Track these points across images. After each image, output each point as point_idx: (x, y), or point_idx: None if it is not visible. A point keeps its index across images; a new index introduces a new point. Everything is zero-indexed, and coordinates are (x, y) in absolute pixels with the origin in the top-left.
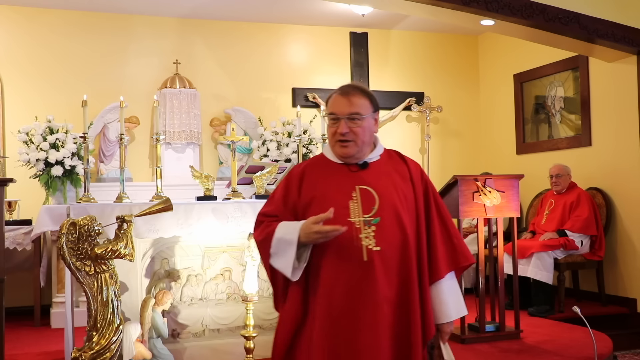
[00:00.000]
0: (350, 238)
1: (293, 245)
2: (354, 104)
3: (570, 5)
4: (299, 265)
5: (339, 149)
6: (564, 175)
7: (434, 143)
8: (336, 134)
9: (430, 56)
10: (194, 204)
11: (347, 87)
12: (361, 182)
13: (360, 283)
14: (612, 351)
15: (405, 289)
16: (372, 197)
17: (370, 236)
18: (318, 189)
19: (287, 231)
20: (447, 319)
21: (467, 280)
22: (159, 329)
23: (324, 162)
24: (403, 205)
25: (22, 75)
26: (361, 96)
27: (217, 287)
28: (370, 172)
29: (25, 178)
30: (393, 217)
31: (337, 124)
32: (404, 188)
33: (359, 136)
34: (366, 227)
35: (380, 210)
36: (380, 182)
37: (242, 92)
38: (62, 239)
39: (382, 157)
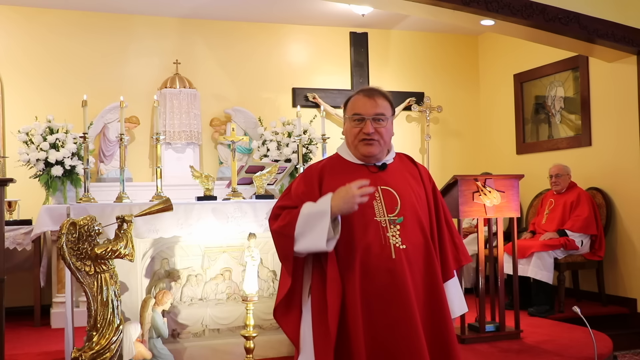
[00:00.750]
0: (379, 237)
1: (326, 214)
2: (379, 105)
3: (570, 5)
4: (333, 236)
5: (364, 148)
6: (564, 175)
7: (434, 143)
8: (360, 134)
9: (430, 56)
10: (194, 204)
11: (371, 89)
12: (382, 183)
13: (392, 281)
14: (612, 351)
15: (430, 288)
16: (394, 198)
17: (396, 235)
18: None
19: (315, 205)
20: (453, 316)
21: (467, 280)
22: (159, 329)
23: (342, 162)
24: (420, 206)
25: (22, 75)
26: (384, 99)
27: (217, 287)
28: (389, 173)
29: (25, 178)
30: (414, 217)
31: (361, 124)
32: (418, 190)
33: (383, 136)
34: (392, 226)
35: (402, 210)
36: (399, 183)
37: (242, 92)
38: (62, 239)
39: (396, 160)
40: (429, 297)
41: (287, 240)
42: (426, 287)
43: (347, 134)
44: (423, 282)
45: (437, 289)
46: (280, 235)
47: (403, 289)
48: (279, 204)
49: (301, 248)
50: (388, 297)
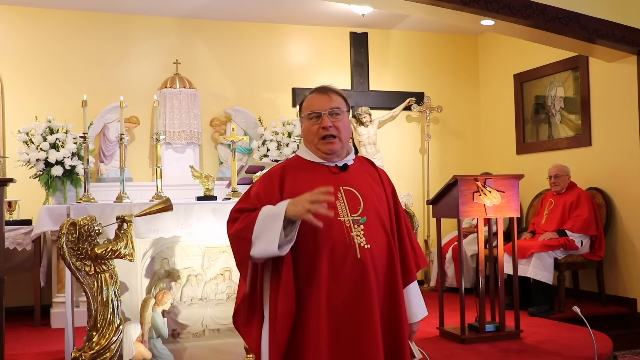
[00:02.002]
0: (342, 237)
1: (280, 217)
2: (333, 100)
3: (570, 5)
4: (286, 239)
5: (324, 146)
6: (563, 175)
7: (434, 143)
8: (319, 131)
9: (431, 56)
10: (194, 204)
11: (324, 87)
12: (344, 184)
13: (356, 280)
14: (612, 351)
15: (391, 288)
16: (357, 198)
17: (360, 234)
18: (301, 188)
19: (273, 207)
20: (416, 319)
21: (467, 280)
22: (159, 329)
23: (303, 163)
24: (382, 207)
25: (22, 75)
26: (338, 95)
27: (217, 287)
28: (350, 174)
29: (25, 178)
30: (377, 217)
31: (319, 121)
32: (379, 192)
33: (342, 131)
34: (355, 226)
35: (365, 211)
36: (360, 184)
37: (242, 92)
38: (62, 239)
39: (356, 162)
40: (389, 298)
41: (243, 243)
42: (387, 288)
43: (305, 133)
44: (385, 282)
45: (396, 290)
46: (237, 238)
47: (368, 289)
48: (237, 207)
49: (256, 252)
50: (353, 296)
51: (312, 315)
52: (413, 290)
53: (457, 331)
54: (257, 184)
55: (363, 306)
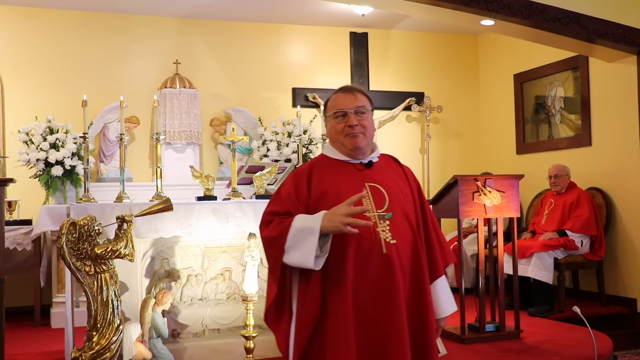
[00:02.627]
0: (369, 232)
1: (315, 232)
2: (359, 99)
3: (570, 5)
4: (320, 254)
5: (350, 141)
6: (563, 175)
7: (434, 143)
8: (345, 128)
9: (430, 56)
10: (194, 204)
11: (349, 86)
12: (369, 180)
13: (382, 275)
14: (612, 351)
15: (417, 283)
16: (382, 194)
17: (386, 230)
18: (328, 185)
19: (307, 220)
20: (443, 314)
21: (467, 280)
22: (159, 329)
23: (329, 161)
24: (407, 203)
25: (22, 75)
26: (362, 94)
27: (217, 287)
28: (375, 171)
29: (25, 178)
30: (402, 213)
31: (344, 120)
32: (404, 188)
33: (367, 129)
34: (381, 221)
35: (391, 206)
36: (386, 180)
37: (242, 92)
38: (62, 239)
39: (381, 159)
40: (414, 293)
41: (277, 252)
42: (413, 283)
43: (330, 132)
44: (410, 278)
45: (422, 286)
46: (271, 245)
47: (394, 283)
48: (269, 209)
49: (290, 261)
50: (379, 291)
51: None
52: (441, 285)
53: (457, 331)
54: (287, 184)
55: (389, 301)
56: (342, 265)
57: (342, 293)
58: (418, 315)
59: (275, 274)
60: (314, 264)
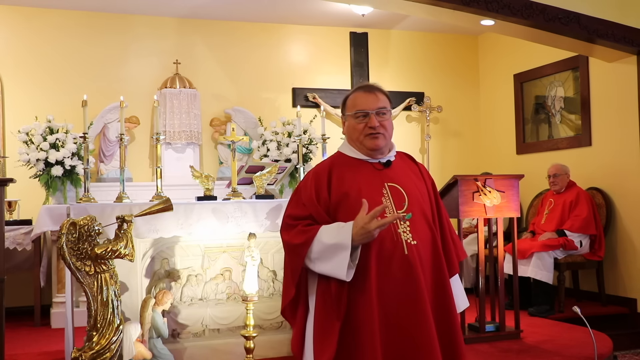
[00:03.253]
0: (390, 233)
1: (347, 249)
2: (380, 99)
3: (570, 5)
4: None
5: (370, 141)
6: (562, 174)
7: (434, 143)
8: (366, 128)
9: (430, 56)
10: (194, 204)
11: (369, 85)
12: (389, 180)
13: (405, 276)
14: (612, 351)
15: (439, 281)
16: (402, 194)
17: (407, 231)
18: (348, 185)
19: (336, 235)
20: (458, 310)
21: (467, 280)
22: (159, 329)
23: (347, 160)
24: (425, 202)
25: (22, 75)
26: (383, 93)
27: (217, 287)
28: (394, 170)
29: (25, 178)
30: (421, 213)
31: (365, 120)
32: (421, 186)
33: (388, 130)
34: (402, 222)
35: (410, 207)
36: (404, 179)
37: (242, 92)
38: (62, 239)
39: (397, 158)
40: (437, 292)
41: (299, 259)
42: (435, 283)
43: (350, 131)
44: (432, 278)
45: (444, 285)
46: (293, 252)
47: (417, 285)
48: (291, 213)
49: (319, 271)
50: (403, 293)
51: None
52: (455, 282)
53: None
54: (308, 185)
55: (415, 303)
56: (365, 268)
57: (366, 296)
58: (443, 314)
59: (295, 276)
60: (346, 275)
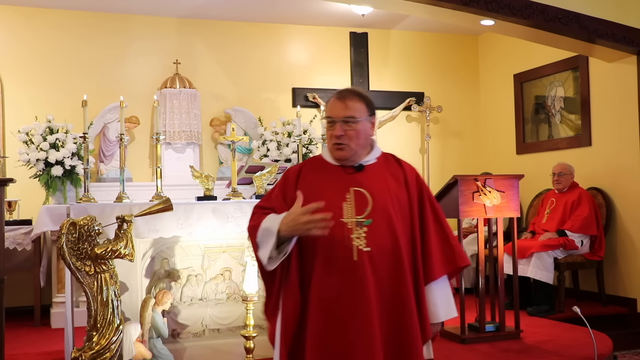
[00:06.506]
0: (342, 238)
1: (273, 235)
2: (349, 107)
3: (570, 5)
4: (277, 256)
5: (335, 152)
6: (567, 174)
7: (434, 143)
8: (332, 137)
9: (430, 56)
10: (194, 204)
11: (344, 91)
12: (356, 184)
13: (351, 282)
14: (612, 351)
15: (397, 290)
16: (366, 199)
17: (361, 237)
18: (313, 188)
19: (271, 220)
20: (436, 320)
21: (467, 280)
22: (159, 329)
23: (321, 163)
24: (396, 208)
25: (22, 75)
26: (357, 100)
27: (217, 287)
28: (366, 174)
29: (25, 178)
30: (385, 219)
31: (333, 127)
32: (398, 191)
33: (353, 139)
34: (358, 227)
35: (372, 213)
36: (374, 184)
37: (242, 92)
38: (62, 239)
39: (379, 160)
40: (393, 300)
41: (254, 246)
42: (392, 290)
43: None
44: (389, 285)
45: (403, 292)
46: (250, 237)
47: (363, 292)
48: (258, 204)
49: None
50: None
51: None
52: (436, 290)
53: (457, 331)
54: (277, 184)
55: (357, 308)
56: (310, 269)
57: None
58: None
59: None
60: (267, 263)
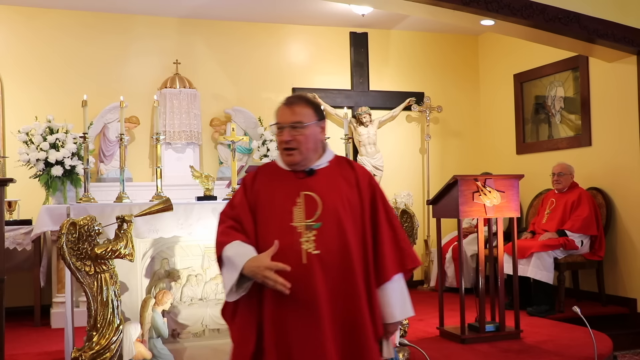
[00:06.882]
0: (291, 242)
1: (236, 271)
2: (296, 113)
3: (570, 5)
4: (236, 292)
5: (285, 157)
6: (567, 174)
7: (434, 143)
8: (281, 142)
9: (430, 56)
10: (194, 204)
11: (291, 98)
12: (306, 189)
13: (301, 285)
14: (612, 351)
15: (348, 291)
16: (316, 203)
17: (310, 240)
18: (265, 194)
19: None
20: (392, 320)
21: (467, 280)
22: (159, 329)
23: (275, 168)
24: (346, 210)
25: (22, 75)
26: (304, 106)
27: (217, 287)
28: (317, 178)
29: (25, 178)
30: (334, 222)
31: (282, 133)
32: (350, 194)
33: (302, 144)
34: (307, 231)
35: (322, 216)
36: (325, 188)
37: (242, 92)
38: (62, 239)
39: (331, 164)
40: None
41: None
42: (342, 292)
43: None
44: (340, 287)
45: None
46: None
47: (313, 294)
48: (224, 210)
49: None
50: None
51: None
52: (391, 290)
53: (457, 331)
54: (239, 190)
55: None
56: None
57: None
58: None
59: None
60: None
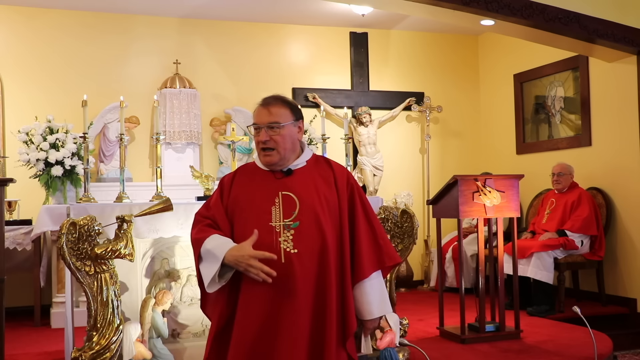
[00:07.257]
0: (270, 242)
1: (218, 261)
2: (272, 113)
3: (570, 5)
4: (218, 282)
5: (263, 158)
6: (567, 174)
7: (434, 143)
8: (259, 143)
9: (430, 56)
10: (194, 204)
11: (268, 98)
12: (284, 189)
13: (279, 283)
14: (612, 351)
15: (322, 289)
16: (294, 202)
17: (288, 239)
18: (244, 194)
19: (217, 246)
20: (370, 316)
21: (467, 280)
22: (159, 329)
23: (253, 169)
24: (324, 209)
25: (22, 75)
26: (281, 106)
27: None
28: (295, 178)
29: (25, 178)
30: (312, 221)
31: (259, 133)
32: (327, 193)
33: (280, 144)
34: (285, 231)
35: (300, 215)
36: (302, 187)
37: (242, 92)
38: (62, 239)
39: (309, 163)
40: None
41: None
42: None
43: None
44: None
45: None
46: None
47: (292, 292)
48: (199, 211)
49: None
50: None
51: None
52: (368, 287)
53: (457, 331)
54: (216, 191)
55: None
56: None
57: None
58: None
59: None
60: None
